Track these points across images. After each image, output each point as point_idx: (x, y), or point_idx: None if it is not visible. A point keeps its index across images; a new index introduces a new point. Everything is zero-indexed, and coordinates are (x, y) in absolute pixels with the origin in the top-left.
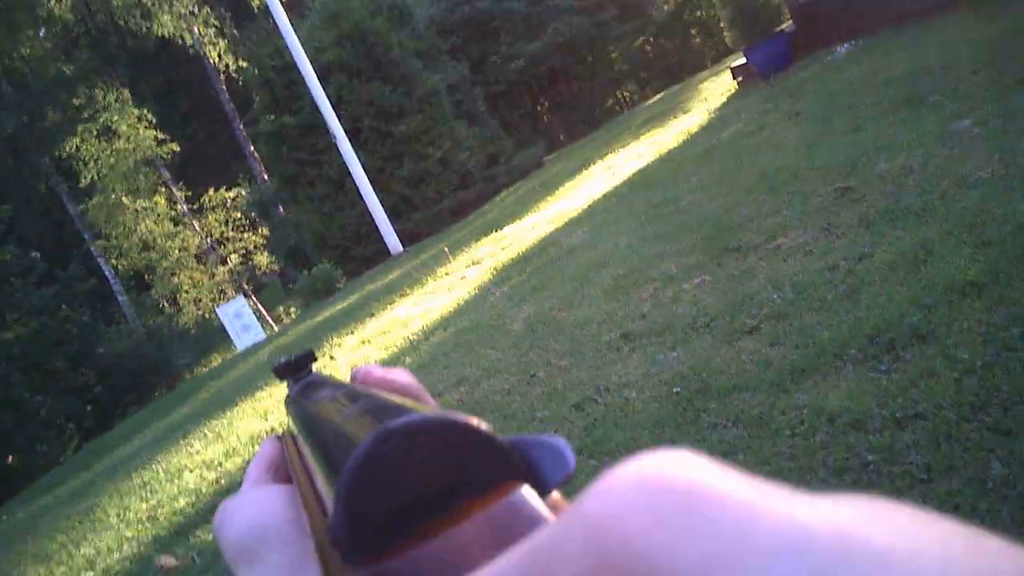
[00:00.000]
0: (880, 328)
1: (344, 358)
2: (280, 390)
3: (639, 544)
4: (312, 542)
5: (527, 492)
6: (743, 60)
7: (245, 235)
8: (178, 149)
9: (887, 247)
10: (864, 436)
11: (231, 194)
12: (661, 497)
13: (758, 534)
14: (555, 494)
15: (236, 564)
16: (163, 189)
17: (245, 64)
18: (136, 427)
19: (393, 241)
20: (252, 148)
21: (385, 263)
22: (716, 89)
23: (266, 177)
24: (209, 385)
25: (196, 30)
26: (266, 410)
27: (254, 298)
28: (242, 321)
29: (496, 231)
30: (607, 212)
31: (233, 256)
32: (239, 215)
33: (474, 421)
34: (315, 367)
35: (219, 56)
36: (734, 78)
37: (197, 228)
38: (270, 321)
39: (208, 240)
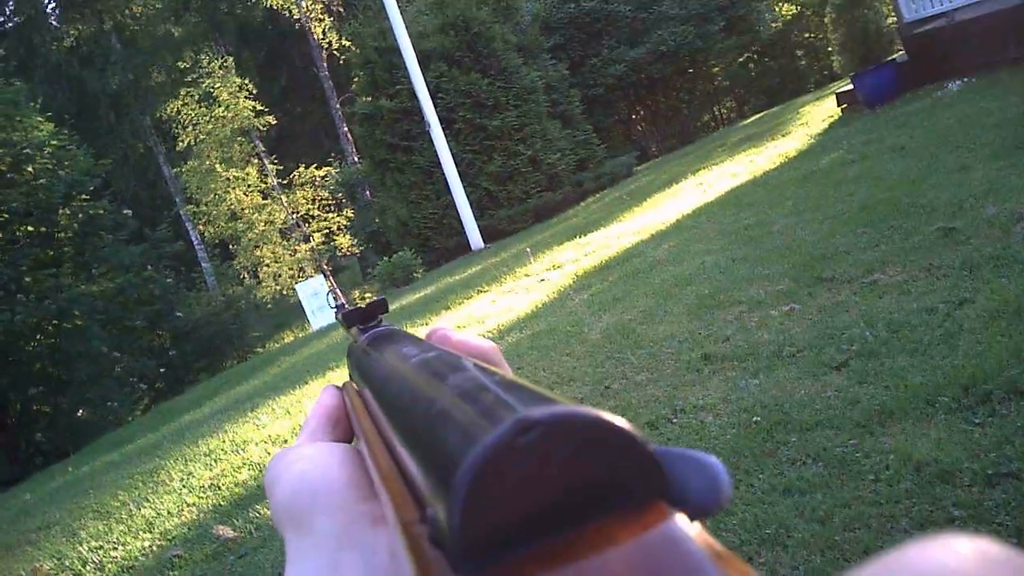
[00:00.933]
0: (977, 378)
1: None
2: None
3: None
4: (396, 527)
5: (681, 521)
6: (849, 87)
7: (329, 215)
8: (274, 122)
9: (990, 294)
10: (951, 490)
11: (321, 172)
12: None
13: None
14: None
15: (284, 527)
16: (255, 161)
17: (348, 43)
18: (206, 394)
19: (475, 236)
20: (346, 128)
21: (465, 257)
22: (818, 114)
23: (357, 159)
24: (281, 360)
25: (303, 4)
26: None
27: (332, 279)
28: (319, 300)
29: (580, 236)
30: (695, 229)
31: (316, 235)
32: (326, 195)
33: (626, 422)
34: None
35: (323, 33)
36: (839, 104)
37: (284, 203)
38: (346, 304)
39: (293, 216)
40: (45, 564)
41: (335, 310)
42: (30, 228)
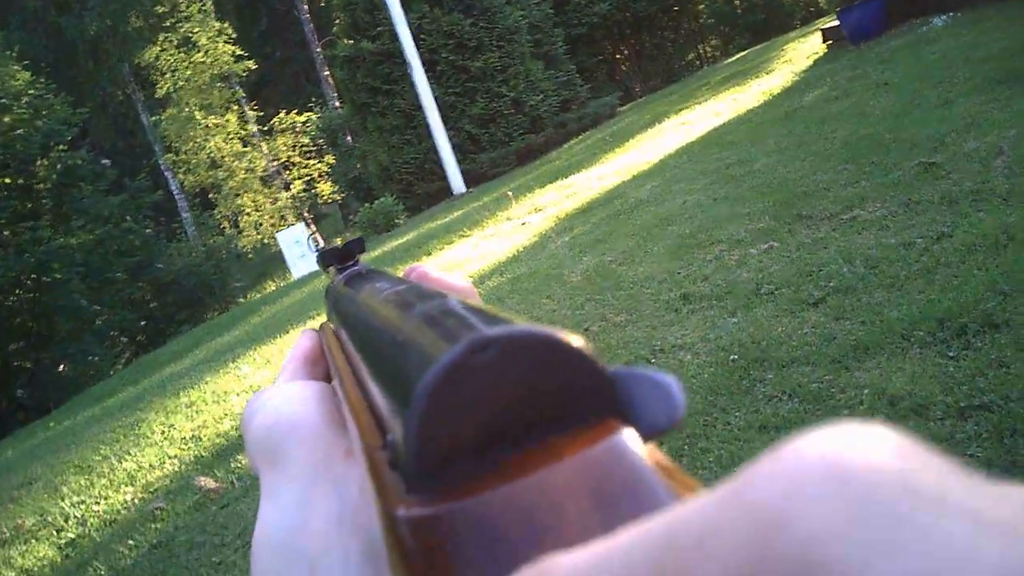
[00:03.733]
0: (952, 312)
1: None
2: None
3: (818, 550)
4: (362, 457)
5: (629, 436)
6: (835, 22)
7: (311, 162)
8: (255, 67)
9: (968, 228)
10: (925, 423)
11: (302, 118)
12: (854, 490)
13: (984, 558)
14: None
15: (259, 464)
16: (235, 107)
17: None
18: (187, 346)
19: (457, 180)
20: (327, 73)
21: (447, 202)
22: (803, 51)
23: (338, 104)
24: (262, 310)
25: None
26: None
27: (314, 226)
28: (300, 249)
29: (562, 179)
30: (677, 169)
31: (297, 182)
32: (307, 140)
33: (582, 341)
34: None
35: None
36: (824, 40)
37: (265, 150)
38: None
39: (274, 164)
40: (27, 520)
41: (316, 254)
42: (7, 180)
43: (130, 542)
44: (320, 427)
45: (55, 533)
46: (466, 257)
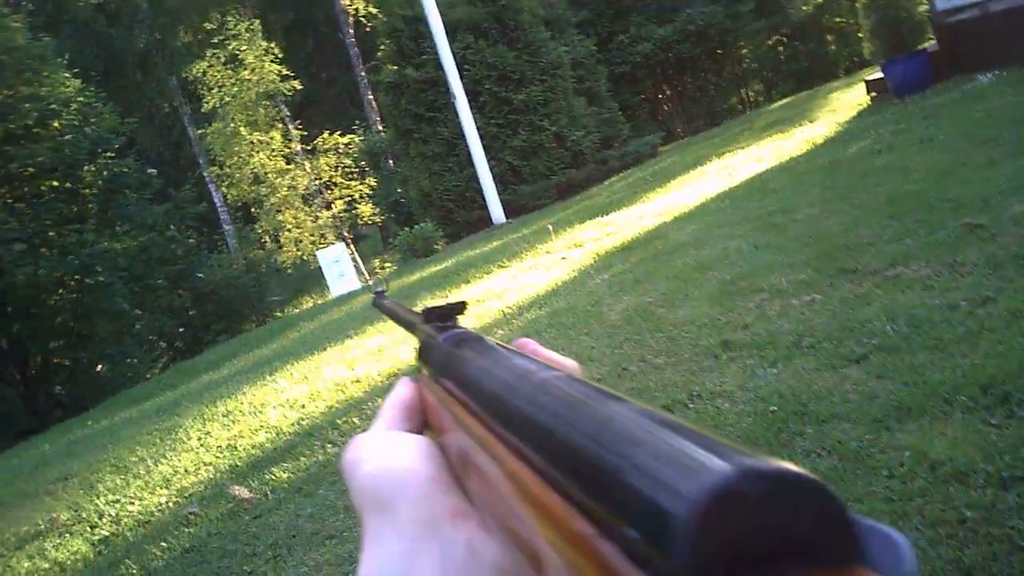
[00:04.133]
0: (996, 378)
1: None
2: (368, 341)
3: None
4: (554, 537)
5: None
6: (879, 74)
7: (352, 183)
8: (300, 87)
9: (1014, 294)
10: (966, 490)
11: (344, 140)
12: None
13: None
14: None
15: (365, 509)
16: (280, 125)
17: (375, 11)
18: (225, 356)
19: (497, 210)
20: (371, 96)
21: (486, 231)
22: (847, 101)
23: (381, 128)
24: (300, 326)
25: None
26: (354, 360)
27: (352, 247)
28: (340, 268)
29: (603, 216)
30: (719, 213)
31: (338, 202)
32: (349, 162)
33: (830, 487)
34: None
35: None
36: (868, 92)
37: (307, 169)
38: (365, 272)
39: (316, 183)
40: (63, 514)
41: (374, 295)
42: (55, 183)
43: (163, 544)
44: (429, 486)
45: (89, 529)
46: (504, 288)
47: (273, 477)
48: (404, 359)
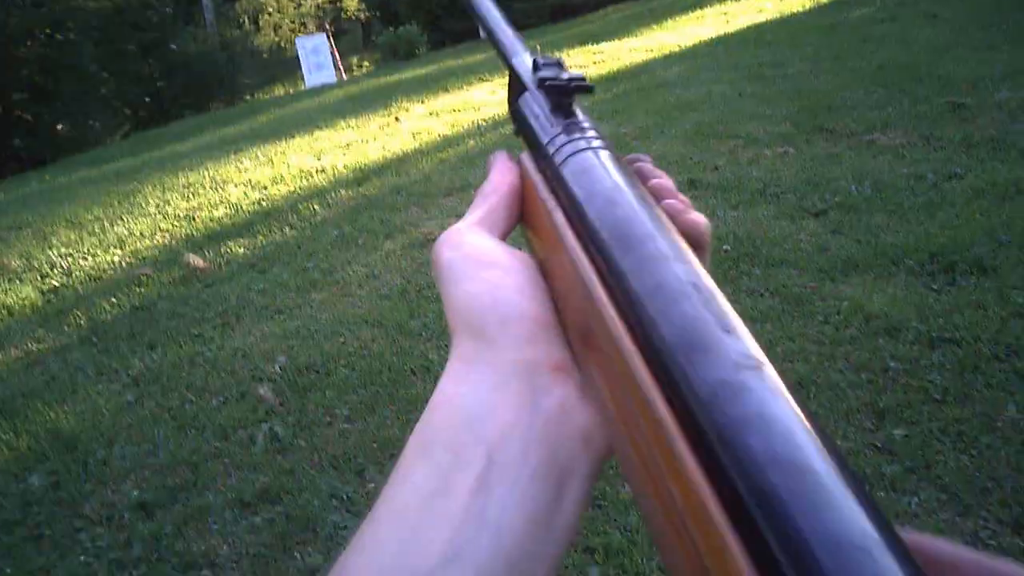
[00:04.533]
0: (946, 248)
1: (409, 124)
2: (337, 135)
3: None
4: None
5: None
6: None
7: None
8: None
9: (981, 173)
10: (894, 344)
11: None
12: None
13: None
14: None
15: (459, 330)
16: None
17: None
18: (190, 130)
19: None
20: None
21: (471, 43)
22: None
23: None
24: (270, 111)
25: None
26: (321, 151)
27: (332, 40)
28: (317, 58)
29: (592, 44)
30: (710, 57)
31: None
32: None
33: None
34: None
35: None
36: None
37: None
38: (341, 68)
39: None
40: (13, 261)
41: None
42: None
43: (113, 300)
44: (536, 330)
45: (39, 278)
46: (482, 100)
47: (229, 250)
48: (373, 156)
